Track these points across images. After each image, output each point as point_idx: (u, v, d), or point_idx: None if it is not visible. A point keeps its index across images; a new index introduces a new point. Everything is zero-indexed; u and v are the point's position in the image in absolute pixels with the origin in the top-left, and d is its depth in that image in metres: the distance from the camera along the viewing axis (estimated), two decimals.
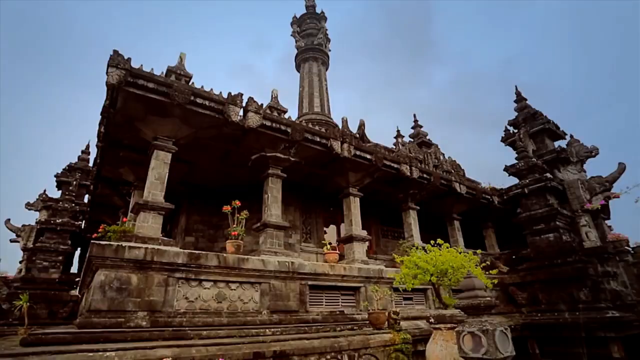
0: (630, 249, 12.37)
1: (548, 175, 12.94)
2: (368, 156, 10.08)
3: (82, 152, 16.61)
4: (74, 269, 14.38)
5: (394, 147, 14.28)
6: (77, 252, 14.59)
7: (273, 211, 8.42)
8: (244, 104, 7.88)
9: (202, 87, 7.43)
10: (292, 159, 8.98)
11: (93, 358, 4.09)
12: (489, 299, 4.34)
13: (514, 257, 13.38)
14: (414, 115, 20.38)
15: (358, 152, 9.86)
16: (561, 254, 11.47)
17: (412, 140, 19.35)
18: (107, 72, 6.25)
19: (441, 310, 5.30)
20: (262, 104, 8.27)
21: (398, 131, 20.84)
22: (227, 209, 7.42)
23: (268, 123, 8.14)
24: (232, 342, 5.09)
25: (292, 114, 11.21)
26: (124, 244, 5.57)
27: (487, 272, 6.17)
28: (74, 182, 13.48)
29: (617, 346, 9.69)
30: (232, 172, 10.32)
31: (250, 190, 10.32)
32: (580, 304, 10.40)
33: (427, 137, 19.48)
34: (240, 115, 7.83)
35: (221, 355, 4.52)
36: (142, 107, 6.86)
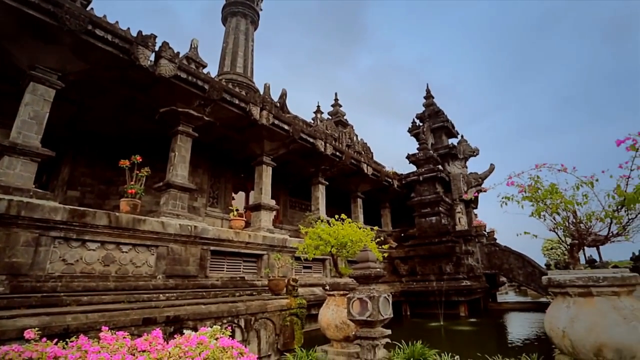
0: (485, 233, 15.27)
1: (440, 167, 14.87)
2: (286, 127, 10.02)
3: None
4: None
5: (313, 122, 14.50)
6: None
7: (179, 171, 7.83)
8: (156, 48, 6.94)
9: (104, 16, 6.27)
10: (207, 119, 8.38)
11: None
12: (379, 270, 4.88)
13: (402, 234, 15.23)
14: (335, 94, 20.87)
15: (277, 122, 9.71)
16: (439, 234, 13.50)
17: (330, 117, 19.88)
18: None
19: (336, 279, 5.77)
20: (178, 52, 7.41)
21: (318, 107, 21.14)
22: (124, 163, 6.60)
23: (183, 75, 7.36)
24: (118, 308, 4.71)
25: (212, 71, 10.37)
26: None
27: (380, 247, 6.90)
28: None
29: (464, 307, 12.11)
30: (135, 124, 9.16)
31: (154, 146, 9.34)
32: (445, 275, 12.53)
33: (345, 117, 20.25)
34: (151, 61, 6.90)
35: (104, 322, 4.14)
36: (16, 23, 5.47)
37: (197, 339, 3.33)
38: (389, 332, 4.55)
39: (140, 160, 6.64)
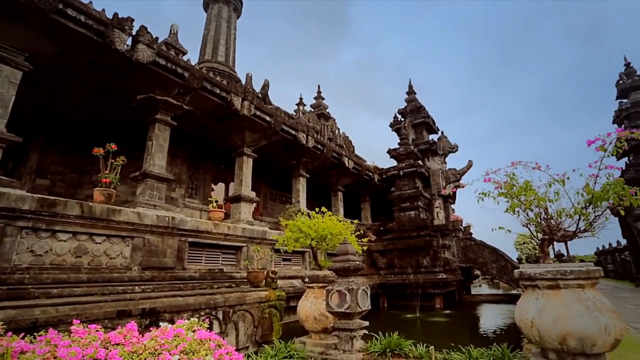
0: (462, 228, 15.71)
1: (420, 162, 15.11)
2: (268, 118, 9.90)
3: None
4: None
5: (295, 114, 14.40)
6: None
7: (156, 161, 7.60)
8: (133, 32, 6.66)
9: None
10: (186, 108, 8.16)
11: None
12: (358, 263, 4.94)
13: (382, 228, 15.45)
14: (318, 87, 20.77)
15: (258, 113, 9.58)
16: (417, 229, 13.78)
17: (312, 110, 19.78)
18: None
19: (315, 271, 5.80)
20: (156, 38, 7.13)
21: (301, 99, 20.99)
22: (98, 151, 6.35)
23: (162, 61, 7.11)
24: (91, 300, 4.56)
25: (193, 58, 10.08)
26: None
27: (359, 240, 6.98)
28: None
29: (439, 299, 12.48)
30: (110, 110, 8.80)
31: (131, 134, 9.03)
32: (422, 269, 12.84)
33: (327, 110, 20.20)
34: (128, 45, 6.62)
35: (76, 315, 3.99)
36: None
37: (173, 331, 3.27)
38: (366, 323, 4.63)
39: (116, 148, 6.40)
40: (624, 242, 19.49)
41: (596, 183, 3.33)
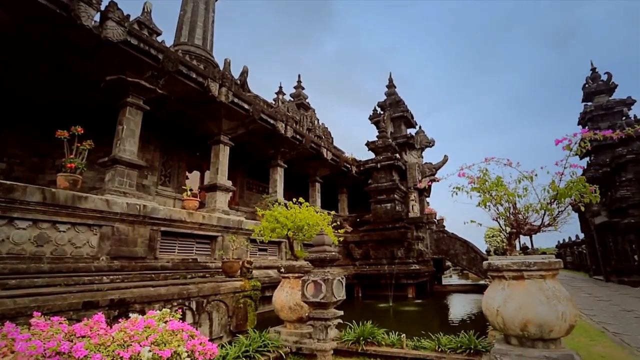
0: (435, 221, 16.18)
1: (397, 155, 15.34)
2: (246, 106, 9.69)
3: None
4: None
5: (274, 103, 14.18)
6: None
7: (127, 146, 7.28)
8: (102, 8, 6.27)
9: None
10: (160, 92, 7.83)
11: None
12: (334, 253, 4.98)
13: (358, 220, 15.66)
14: (299, 76, 20.53)
15: (236, 100, 9.35)
16: (393, 221, 14.05)
17: (292, 99, 19.58)
18: None
19: (292, 262, 5.80)
20: (128, 15, 6.75)
21: (280, 87, 20.71)
22: (62, 134, 5.97)
23: (134, 41, 6.75)
24: (54, 291, 4.34)
25: (168, 40, 9.65)
26: None
27: (336, 231, 7.04)
28: None
29: (412, 289, 12.86)
30: (76, 91, 8.31)
31: (99, 118, 8.60)
32: (397, 260, 13.15)
33: (307, 100, 20.06)
34: (96, 22, 6.23)
35: (37, 307, 3.79)
36: None
37: (144, 322, 3.18)
38: (341, 313, 4.70)
39: (82, 131, 6.05)
40: (582, 236, 20.76)
41: (561, 180, 3.50)
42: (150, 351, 2.78)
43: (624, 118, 16.06)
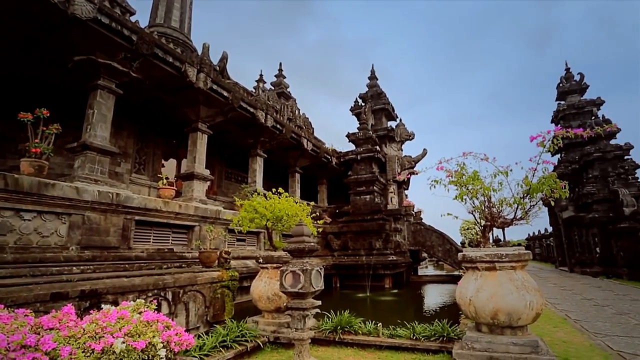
0: (413, 213, 16.53)
1: (377, 148, 15.46)
2: (225, 93, 9.45)
3: None
4: None
5: (254, 91, 13.90)
6: None
7: (99, 132, 6.95)
8: None
9: None
10: (134, 75, 7.49)
11: None
12: (313, 244, 4.97)
13: (337, 211, 15.76)
14: (280, 65, 20.21)
15: (215, 87, 9.09)
16: (371, 212, 14.23)
17: (273, 88, 19.27)
18: None
19: (270, 252, 5.78)
20: None
21: (261, 75, 20.31)
22: (25, 116, 5.61)
23: (105, 20, 6.39)
24: (19, 282, 4.13)
25: (142, 21, 9.24)
26: None
27: (315, 222, 7.04)
28: None
29: (389, 280, 13.14)
30: (41, 71, 7.82)
31: (68, 101, 8.14)
32: (374, 251, 13.36)
33: (288, 90, 19.80)
34: None
35: None
36: None
37: (117, 313, 3.09)
38: (319, 303, 4.72)
39: (48, 114, 5.71)
40: (550, 229, 21.81)
41: (534, 176, 3.64)
42: (123, 342, 2.71)
43: (593, 118, 16.83)
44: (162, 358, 2.87)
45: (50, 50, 7.00)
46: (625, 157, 15.00)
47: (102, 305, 3.28)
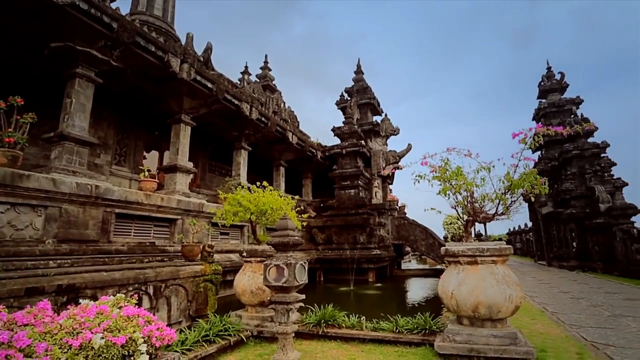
0: (397, 207, 16.71)
1: (362, 142, 15.51)
2: (209, 85, 9.27)
3: None
4: None
5: (239, 83, 13.70)
6: None
7: (77, 122, 6.71)
8: None
9: None
10: (114, 64, 7.24)
11: None
12: (297, 238, 4.96)
13: (322, 205, 15.79)
14: (265, 57, 19.92)
15: (199, 78, 8.90)
16: (356, 206, 14.30)
17: (258, 80, 19.01)
18: None
19: (254, 246, 5.74)
20: None
21: (246, 67, 20.01)
22: None
23: (84, 6, 6.13)
24: None
25: (123, 8, 8.91)
26: None
27: (299, 216, 7.04)
28: None
29: (372, 273, 13.28)
30: (15, 58, 7.47)
31: (45, 90, 7.81)
32: (359, 245, 13.47)
33: (273, 82, 19.57)
34: None
35: None
36: None
37: (96, 308, 3.00)
38: (303, 296, 4.73)
39: (22, 102, 5.47)
40: (530, 224, 22.49)
41: (515, 172, 3.72)
42: (102, 338, 2.63)
43: (572, 116, 17.34)
44: (142, 353, 2.81)
45: (25, 35, 6.68)
46: (602, 155, 15.55)
47: (80, 300, 3.18)
